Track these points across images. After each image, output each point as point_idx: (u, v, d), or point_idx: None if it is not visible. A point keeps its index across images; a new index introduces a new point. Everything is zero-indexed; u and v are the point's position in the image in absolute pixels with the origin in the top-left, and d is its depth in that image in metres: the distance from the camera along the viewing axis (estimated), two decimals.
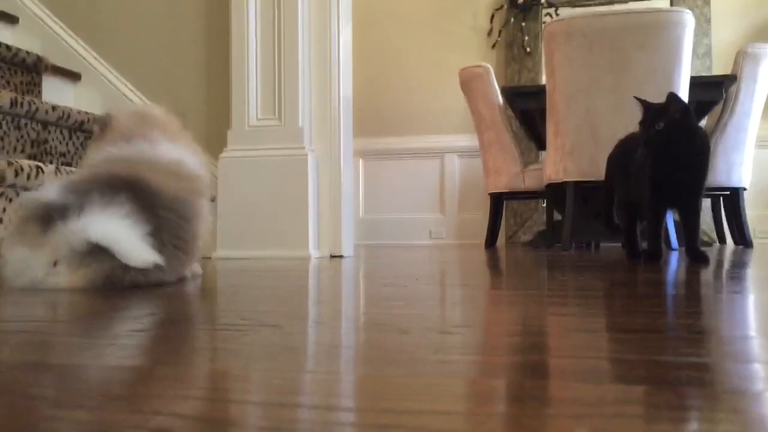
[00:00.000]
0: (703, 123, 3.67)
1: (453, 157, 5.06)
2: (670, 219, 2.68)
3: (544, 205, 4.67)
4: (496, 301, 0.83)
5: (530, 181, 3.66)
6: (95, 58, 2.60)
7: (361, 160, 5.18)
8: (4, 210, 1.60)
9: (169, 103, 2.54)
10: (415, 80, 5.16)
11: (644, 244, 1.89)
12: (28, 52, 2.40)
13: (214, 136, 2.50)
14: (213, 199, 2.42)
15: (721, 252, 2.58)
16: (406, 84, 5.18)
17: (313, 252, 2.28)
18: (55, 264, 1.02)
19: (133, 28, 2.59)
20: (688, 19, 2.74)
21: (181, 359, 0.47)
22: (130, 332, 0.60)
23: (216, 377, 0.41)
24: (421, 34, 5.16)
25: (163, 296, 0.92)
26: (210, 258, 2.33)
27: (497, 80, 3.94)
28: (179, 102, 2.53)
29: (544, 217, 4.54)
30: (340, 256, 2.33)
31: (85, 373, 0.42)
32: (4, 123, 1.95)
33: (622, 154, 1.93)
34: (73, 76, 2.59)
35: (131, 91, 2.56)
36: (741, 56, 3.45)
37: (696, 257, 1.66)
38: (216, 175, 2.43)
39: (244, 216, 2.30)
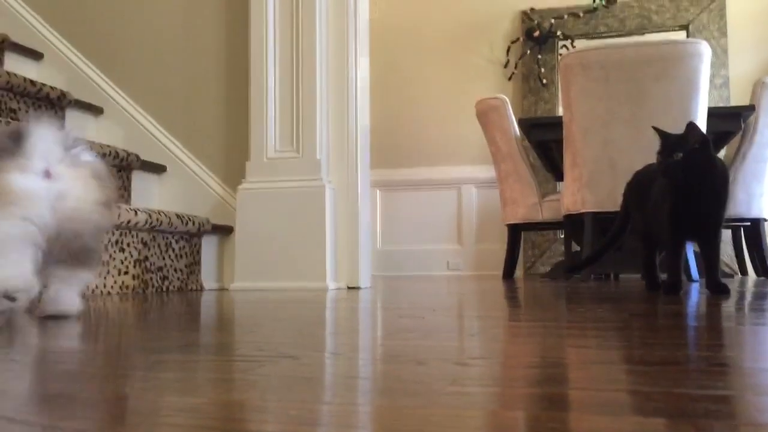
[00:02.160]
0: (722, 154, 3.65)
1: (470, 188, 5.07)
2: (690, 250, 2.65)
3: (562, 236, 4.65)
4: (514, 333, 0.83)
5: (548, 212, 3.65)
6: (117, 92, 2.65)
7: (378, 191, 5.20)
8: None
9: (189, 135, 2.58)
10: (431, 112, 5.20)
11: (664, 276, 1.87)
12: (52, 87, 2.46)
13: (232, 168, 2.52)
14: (230, 230, 2.44)
15: (742, 283, 2.55)
16: (423, 115, 5.21)
17: (331, 283, 2.28)
18: None
19: (153, 62, 2.64)
20: (705, 51, 2.74)
21: (199, 389, 0.47)
22: (147, 363, 0.60)
23: (233, 408, 0.41)
24: (437, 66, 5.20)
25: (180, 327, 0.93)
26: (228, 289, 2.34)
27: (514, 112, 3.96)
28: (199, 134, 2.57)
29: (563, 248, 4.51)
30: (358, 288, 2.32)
31: (102, 402, 0.43)
32: None
33: (640, 185, 1.92)
34: (95, 110, 2.64)
35: (152, 124, 2.60)
36: (759, 87, 3.44)
37: (716, 289, 1.64)
38: (234, 206, 2.45)
39: (262, 247, 2.31)
